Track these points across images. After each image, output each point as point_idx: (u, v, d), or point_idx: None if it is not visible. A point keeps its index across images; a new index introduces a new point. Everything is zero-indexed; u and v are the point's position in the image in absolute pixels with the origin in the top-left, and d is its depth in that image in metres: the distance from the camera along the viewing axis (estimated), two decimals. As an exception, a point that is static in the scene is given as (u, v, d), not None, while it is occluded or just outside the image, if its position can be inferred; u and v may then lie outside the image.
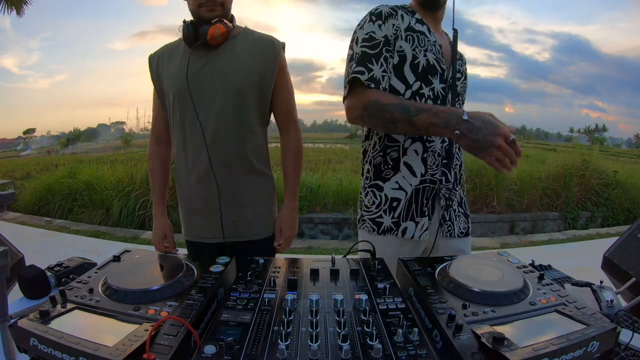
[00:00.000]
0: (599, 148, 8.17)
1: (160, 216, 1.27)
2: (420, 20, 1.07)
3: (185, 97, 1.10)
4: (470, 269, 0.83)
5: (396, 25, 1.01)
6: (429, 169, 1.06)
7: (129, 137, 12.00)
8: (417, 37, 1.03)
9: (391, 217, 1.08)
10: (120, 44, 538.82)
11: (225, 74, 1.10)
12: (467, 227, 1.18)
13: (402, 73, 1.02)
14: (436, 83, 1.05)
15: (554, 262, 1.14)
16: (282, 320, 0.64)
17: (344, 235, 4.68)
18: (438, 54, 1.06)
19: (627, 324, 0.78)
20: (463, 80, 1.14)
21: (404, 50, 1.01)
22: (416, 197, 1.07)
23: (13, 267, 0.95)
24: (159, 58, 1.19)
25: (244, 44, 1.14)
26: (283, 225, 1.23)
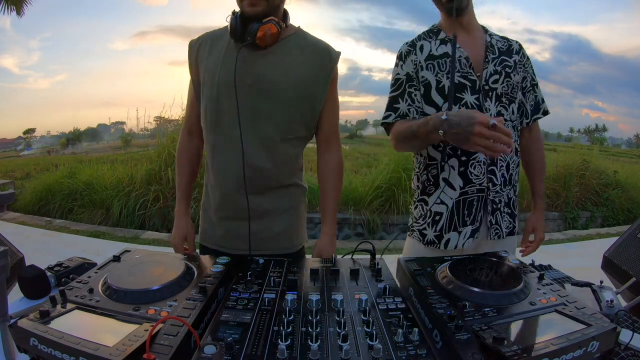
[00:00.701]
0: (599, 148, 8.16)
1: (184, 215, 1.17)
2: (444, 39, 1.13)
3: (230, 95, 1.01)
4: (470, 269, 0.83)
5: (415, 61, 1.13)
6: (474, 179, 1.11)
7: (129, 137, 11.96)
8: (438, 62, 1.11)
9: (434, 230, 1.16)
10: (120, 44, 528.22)
11: (272, 80, 1.01)
12: (511, 226, 1.18)
13: (430, 99, 1.12)
14: (467, 97, 1.09)
15: (554, 262, 1.14)
16: (282, 320, 0.64)
17: (344, 235, 4.68)
18: (465, 68, 1.09)
19: (627, 324, 0.78)
20: (504, 78, 1.11)
21: (427, 79, 1.11)
22: (457, 209, 1.13)
23: (13, 267, 0.95)
24: (201, 45, 1.08)
25: (296, 49, 1.04)
26: (323, 254, 1.11)
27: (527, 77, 1.19)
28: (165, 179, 4.59)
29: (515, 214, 1.20)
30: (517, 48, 1.18)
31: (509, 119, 1.14)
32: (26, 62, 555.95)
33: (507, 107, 1.14)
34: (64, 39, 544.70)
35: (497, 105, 1.12)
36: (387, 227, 4.62)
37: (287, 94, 1.01)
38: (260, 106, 1.01)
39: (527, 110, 1.21)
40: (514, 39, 1.19)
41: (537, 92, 1.22)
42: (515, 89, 1.15)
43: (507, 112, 1.14)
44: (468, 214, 1.12)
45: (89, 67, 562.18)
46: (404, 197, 4.59)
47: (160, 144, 5.00)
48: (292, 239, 1.16)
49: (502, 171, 1.13)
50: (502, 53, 1.14)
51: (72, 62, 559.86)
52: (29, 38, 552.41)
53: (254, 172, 1.04)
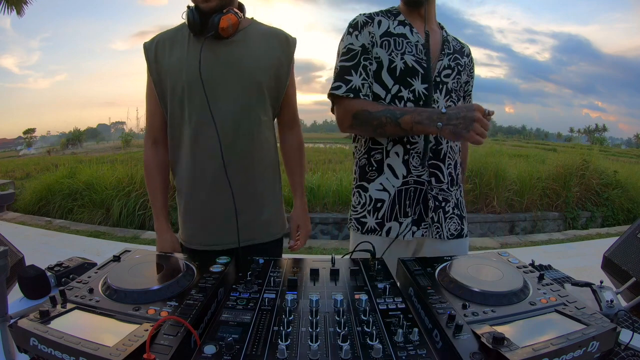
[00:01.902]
0: (599, 148, 8.16)
1: (166, 232, 1.13)
2: (403, 21, 1.09)
3: (198, 92, 1.00)
4: (470, 269, 0.83)
5: (372, 33, 1.06)
6: (413, 170, 1.08)
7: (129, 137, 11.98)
8: (394, 40, 1.06)
9: (375, 217, 1.11)
10: (120, 44, 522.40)
11: (242, 67, 1.02)
12: (460, 229, 1.16)
13: (380, 78, 1.07)
14: (417, 84, 1.06)
15: (554, 262, 1.14)
16: (282, 320, 0.64)
17: (344, 235, 4.68)
18: (420, 54, 1.06)
19: (627, 324, 0.78)
20: (455, 75, 1.11)
21: (380, 56, 1.06)
22: (399, 198, 1.09)
23: (13, 267, 0.95)
24: (157, 46, 1.06)
25: (256, 36, 1.07)
26: (300, 223, 1.22)
27: (470, 82, 1.22)
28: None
29: (464, 216, 1.18)
30: (468, 52, 1.19)
31: None
32: (26, 62, 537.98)
33: (455, 104, 1.13)
34: (64, 39, 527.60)
35: (447, 99, 1.10)
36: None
37: (256, 79, 1.04)
38: (232, 94, 1.02)
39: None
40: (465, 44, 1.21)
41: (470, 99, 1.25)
42: (462, 88, 1.16)
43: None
44: (409, 205, 1.09)
45: (89, 67, 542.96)
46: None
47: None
48: (279, 225, 1.18)
49: (449, 169, 1.11)
50: (455, 51, 1.14)
51: (72, 62, 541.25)
52: (29, 38, 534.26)
53: (235, 164, 1.04)
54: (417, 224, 1.10)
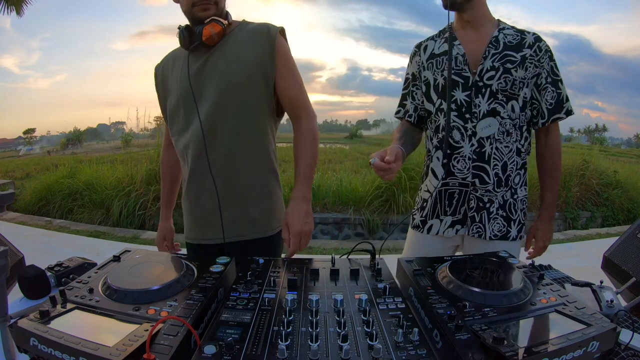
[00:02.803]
0: (599, 148, 8.16)
1: (164, 219, 1.34)
2: (447, 37, 1.16)
3: (189, 99, 1.09)
4: (470, 269, 0.83)
5: (419, 62, 1.23)
6: (457, 173, 1.15)
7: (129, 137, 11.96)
8: (436, 61, 1.17)
9: (420, 215, 1.25)
10: (120, 44, 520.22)
11: (222, 70, 1.07)
12: (505, 230, 1.16)
13: (430, 96, 1.21)
14: (458, 94, 1.13)
15: (554, 262, 1.14)
16: (282, 320, 0.64)
17: (344, 235, 4.68)
18: (460, 65, 1.12)
19: (627, 324, 0.78)
20: (502, 74, 1.08)
21: (428, 78, 1.20)
22: (440, 197, 1.19)
23: (13, 267, 0.95)
24: (164, 67, 1.19)
25: (239, 37, 1.10)
26: (289, 219, 1.01)
27: (542, 73, 1.11)
28: (165, 179, 4.59)
29: (513, 218, 1.17)
30: (532, 42, 1.10)
31: (507, 117, 1.10)
32: (26, 62, 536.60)
33: (504, 104, 1.10)
34: (64, 39, 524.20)
35: (490, 102, 1.09)
36: (387, 227, 4.61)
37: (239, 78, 1.06)
38: (214, 96, 1.07)
39: (543, 110, 1.13)
40: (532, 32, 1.12)
41: (559, 89, 1.12)
42: (517, 86, 1.09)
43: (505, 109, 1.10)
44: (448, 205, 1.18)
45: (89, 67, 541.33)
46: (404, 197, 4.59)
47: (160, 144, 5.00)
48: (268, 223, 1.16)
49: (495, 170, 1.12)
50: (507, 47, 1.10)
51: (72, 62, 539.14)
52: (29, 38, 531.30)
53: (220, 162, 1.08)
54: (461, 223, 1.18)
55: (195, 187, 1.14)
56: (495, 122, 1.10)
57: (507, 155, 1.13)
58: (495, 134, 1.10)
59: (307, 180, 1.07)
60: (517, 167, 1.16)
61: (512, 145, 1.13)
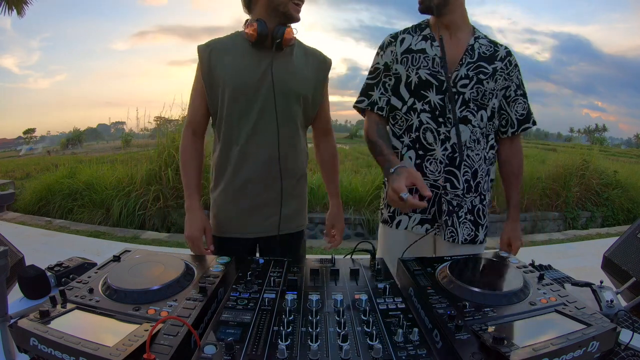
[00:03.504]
0: (599, 148, 8.15)
1: (198, 209, 1.19)
2: (426, 35, 1.15)
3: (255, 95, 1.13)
4: (470, 269, 0.83)
5: (394, 51, 1.17)
6: (429, 174, 1.14)
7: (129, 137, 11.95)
8: (412, 57, 1.14)
9: (388, 210, 1.24)
10: (120, 44, 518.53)
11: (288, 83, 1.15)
12: (473, 235, 1.17)
13: (398, 92, 1.17)
14: (432, 95, 1.12)
15: (554, 262, 1.14)
16: (282, 320, 0.64)
17: (344, 235, 4.68)
18: (436, 67, 1.11)
19: (627, 324, 0.78)
20: (475, 84, 1.11)
21: (399, 72, 1.16)
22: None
23: (13, 267, 0.95)
24: (212, 50, 1.15)
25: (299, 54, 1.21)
26: (335, 221, 1.35)
27: (512, 86, 1.17)
28: (165, 179, 4.58)
29: (481, 223, 1.18)
30: (504, 55, 1.15)
31: (477, 125, 1.13)
32: (26, 62, 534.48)
33: (474, 113, 1.12)
34: (64, 39, 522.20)
35: (462, 109, 1.11)
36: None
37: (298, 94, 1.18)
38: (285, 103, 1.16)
39: (513, 120, 1.19)
40: (504, 45, 1.17)
41: (527, 101, 1.21)
42: (487, 96, 1.12)
43: (475, 118, 1.12)
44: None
45: (89, 67, 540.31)
46: (404, 197, 4.59)
47: (160, 144, 4.99)
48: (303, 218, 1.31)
49: (466, 177, 1.13)
50: (481, 58, 1.12)
51: (72, 62, 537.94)
52: (29, 38, 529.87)
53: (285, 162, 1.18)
54: (430, 223, 1.17)
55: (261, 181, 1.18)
56: (467, 129, 1.12)
57: (478, 162, 1.15)
58: (467, 141, 1.12)
59: (338, 192, 1.38)
60: (485, 174, 1.18)
61: (480, 153, 1.16)
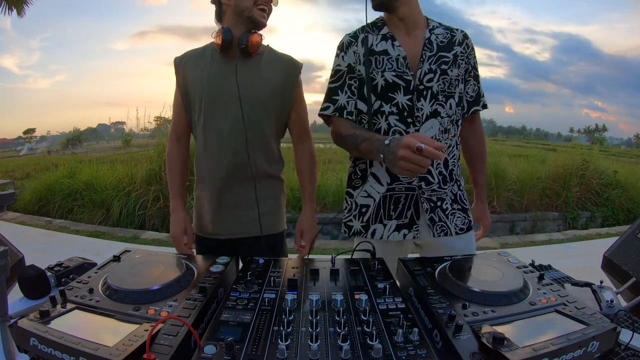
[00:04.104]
0: (599, 148, 8.14)
1: (181, 210, 1.26)
2: (385, 35, 1.10)
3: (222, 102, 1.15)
4: (470, 269, 0.83)
5: (356, 52, 1.11)
6: (402, 177, 1.10)
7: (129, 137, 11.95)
8: (376, 59, 1.09)
9: (360, 221, 1.17)
10: (120, 44, 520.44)
11: (254, 91, 1.16)
12: (467, 221, 1.17)
13: (363, 95, 1.11)
14: (399, 97, 1.08)
15: (554, 262, 1.14)
16: (282, 320, 0.64)
17: (344, 236, 4.67)
18: (401, 68, 1.08)
19: (627, 324, 0.78)
20: (440, 76, 1.09)
21: (362, 74, 1.10)
22: (384, 203, 1.13)
23: (13, 267, 0.95)
24: (186, 62, 1.22)
25: (268, 60, 1.21)
26: (304, 227, 1.27)
27: (469, 68, 1.16)
28: (165, 179, 4.58)
29: (467, 207, 1.19)
30: (460, 39, 1.13)
31: (447, 115, 1.11)
32: (26, 62, 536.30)
33: (444, 104, 1.10)
34: (64, 39, 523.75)
35: (432, 103, 1.09)
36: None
37: (265, 100, 1.18)
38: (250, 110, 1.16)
39: (464, 102, 1.18)
40: (459, 29, 1.15)
41: (478, 84, 1.19)
42: (453, 84, 1.11)
43: (445, 109, 1.10)
44: (394, 209, 1.12)
45: (89, 67, 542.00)
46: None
47: (160, 144, 5.00)
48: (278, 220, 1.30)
49: (439, 169, 1.12)
50: (440, 49, 1.10)
51: (72, 62, 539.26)
52: (29, 38, 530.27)
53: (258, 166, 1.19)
54: (408, 227, 1.13)
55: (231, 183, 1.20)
56: (436, 123, 1.10)
57: (447, 151, 1.14)
58: (436, 135, 1.10)
59: (313, 196, 1.31)
60: (457, 160, 1.18)
61: (450, 141, 1.14)
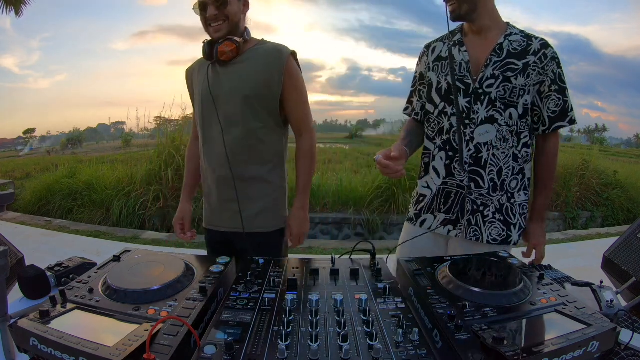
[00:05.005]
0: (598, 148, 8.15)
1: (184, 201, 1.41)
2: (456, 41, 1.18)
3: (209, 104, 1.22)
4: (470, 269, 0.83)
5: (426, 61, 1.25)
6: (457, 175, 1.17)
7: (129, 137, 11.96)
8: (442, 64, 1.19)
9: (415, 208, 1.28)
10: (120, 44, 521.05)
11: (235, 85, 1.20)
12: (504, 235, 1.15)
13: (431, 97, 1.23)
14: (460, 100, 1.14)
15: (554, 262, 1.14)
16: (282, 320, 0.64)
17: (344, 235, 4.68)
18: (463, 72, 1.14)
19: (627, 324, 0.78)
20: (501, 83, 1.09)
21: (431, 79, 1.23)
22: (438, 195, 1.21)
23: (13, 267, 0.95)
24: (193, 71, 1.35)
25: (254, 55, 1.22)
26: (292, 222, 1.30)
27: (546, 81, 1.11)
28: (165, 179, 4.59)
29: (512, 222, 1.16)
30: (537, 48, 1.10)
31: (505, 124, 1.11)
32: (26, 62, 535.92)
33: (501, 112, 1.10)
34: (64, 39, 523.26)
35: (488, 109, 1.11)
36: (387, 227, 4.61)
37: (243, 93, 1.19)
38: (226, 107, 1.21)
39: (544, 117, 1.13)
40: (540, 38, 1.12)
41: (566, 96, 1.12)
42: (515, 93, 1.09)
43: (502, 117, 1.10)
44: (444, 203, 1.20)
45: (89, 67, 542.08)
46: (404, 197, 4.59)
47: (160, 144, 5.00)
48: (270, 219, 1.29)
49: (491, 175, 1.13)
50: (511, 55, 1.10)
51: (72, 62, 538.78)
52: (29, 38, 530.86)
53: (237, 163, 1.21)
54: (453, 224, 1.19)
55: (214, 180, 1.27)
56: (492, 129, 1.11)
57: (503, 160, 1.13)
58: (492, 141, 1.12)
59: (306, 192, 1.32)
60: (514, 172, 1.15)
61: (508, 152, 1.13)
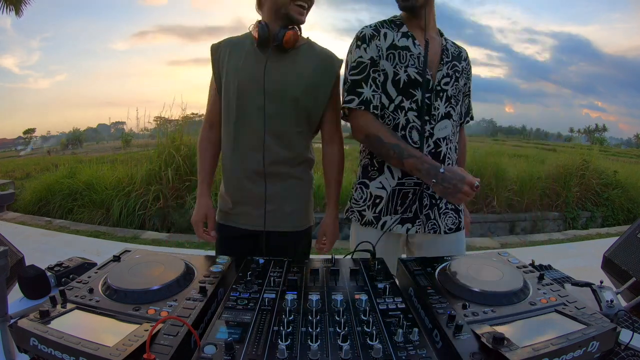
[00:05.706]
0: (598, 148, 8.15)
1: (204, 196, 1.27)
2: (406, 33, 1.15)
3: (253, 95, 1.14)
4: (470, 269, 0.83)
5: (379, 46, 1.12)
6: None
7: (129, 137, 11.96)
8: (399, 53, 1.12)
9: (373, 212, 1.21)
10: (120, 44, 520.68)
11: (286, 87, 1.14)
12: (457, 222, 1.22)
13: (386, 89, 1.14)
14: (418, 94, 1.13)
15: (554, 262, 1.14)
16: (282, 320, 0.64)
17: (344, 235, 4.66)
18: (421, 66, 1.12)
19: (627, 324, 0.78)
20: (454, 82, 1.18)
21: (385, 69, 1.13)
22: (393, 196, 1.19)
23: (13, 267, 0.95)
24: (221, 48, 1.21)
25: (306, 55, 1.18)
26: (327, 231, 1.31)
27: (468, 84, 1.28)
28: (165, 179, 4.59)
29: (460, 209, 1.24)
30: (465, 56, 1.24)
31: (457, 120, 1.22)
32: (26, 62, 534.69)
33: (454, 108, 1.19)
34: (64, 39, 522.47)
35: (446, 105, 1.17)
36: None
37: (296, 96, 1.15)
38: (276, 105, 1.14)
39: (462, 114, 1.30)
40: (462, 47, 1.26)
41: (469, 98, 1.33)
42: (460, 93, 1.23)
43: (455, 112, 1.20)
44: (401, 204, 1.18)
45: (89, 67, 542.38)
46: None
47: (160, 144, 5.00)
48: (301, 219, 1.27)
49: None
50: (454, 58, 1.19)
51: (72, 62, 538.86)
52: (29, 38, 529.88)
53: (273, 161, 1.17)
54: (411, 221, 1.18)
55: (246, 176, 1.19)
56: (449, 124, 1.18)
57: (454, 153, 1.23)
58: (449, 135, 1.18)
59: (337, 201, 1.32)
60: (454, 163, 1.24)
61: (456, 145, 1.24)
